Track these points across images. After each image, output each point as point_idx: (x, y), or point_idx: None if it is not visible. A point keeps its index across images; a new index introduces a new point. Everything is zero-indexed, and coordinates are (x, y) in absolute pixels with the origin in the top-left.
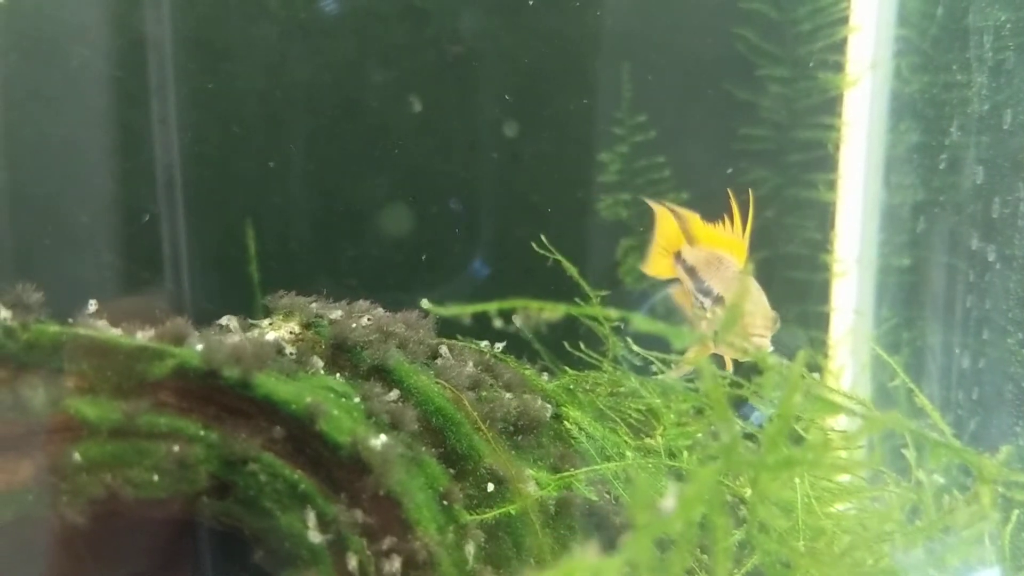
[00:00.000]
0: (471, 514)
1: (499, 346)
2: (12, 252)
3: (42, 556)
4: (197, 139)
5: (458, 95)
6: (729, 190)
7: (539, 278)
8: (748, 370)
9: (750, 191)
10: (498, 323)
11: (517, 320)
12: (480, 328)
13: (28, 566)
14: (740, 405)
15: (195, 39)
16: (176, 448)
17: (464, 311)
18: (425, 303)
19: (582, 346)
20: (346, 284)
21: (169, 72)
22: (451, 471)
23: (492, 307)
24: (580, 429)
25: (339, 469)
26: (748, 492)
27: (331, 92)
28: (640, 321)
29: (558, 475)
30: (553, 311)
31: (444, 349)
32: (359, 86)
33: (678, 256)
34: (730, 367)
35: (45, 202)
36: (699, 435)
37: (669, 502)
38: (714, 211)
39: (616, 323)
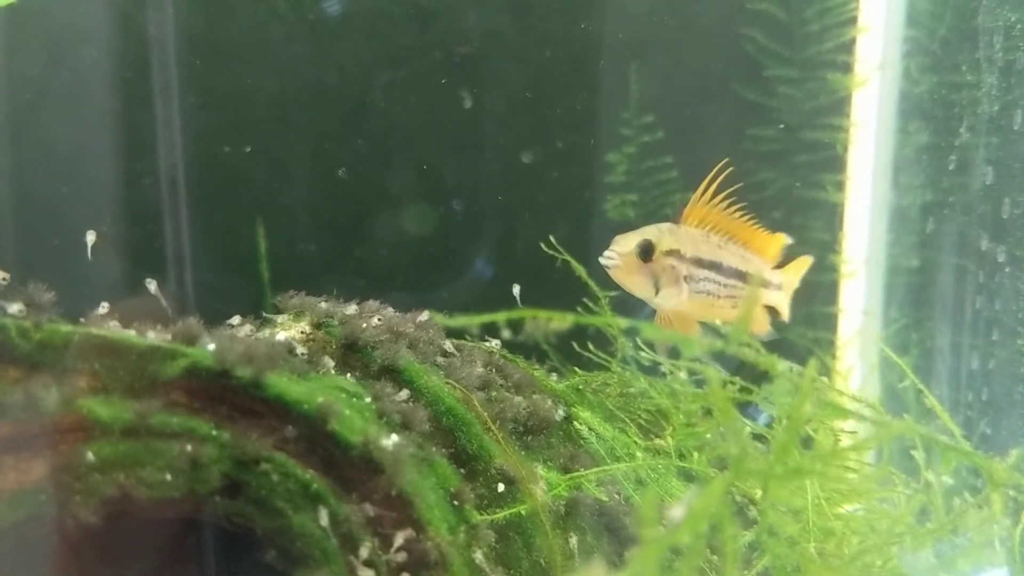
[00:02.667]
0: (482, 514)
1: (497, 343)
2: (21, 252)
3: (54, 555)
4: (203, 139)
5: (466, 95)
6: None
7: (547, 278)
8: (758, 376)
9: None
10: (506, 333)
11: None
12: (489, 325)
13: (40, 565)
14: (746, 404)
15: (201, 39)
16: (188, 448)
17: (471, 322)
18: (426, 315)
19: (591, 346)
20: (353, 284)
21: (174, 72)
22: (462, 471)
23: (500, 317)
24: (590, 430)
25: (351, 469)
26: (758, 493)
27: (338, 92)
28: (648, 329)
29: (568, 475)
30: (562, 320)
31: (450, 346)
32: (367, 86)
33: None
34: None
35: (52, 202)
36: (708, 436)
37: (677, 512)
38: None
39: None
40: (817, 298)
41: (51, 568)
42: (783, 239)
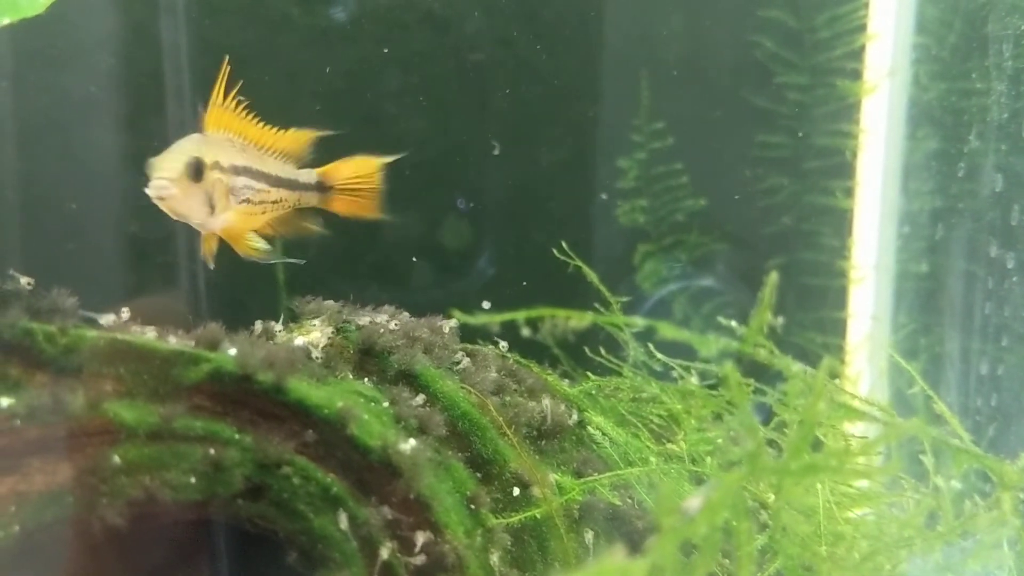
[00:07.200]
0: (497, 518)
1: (505, 344)
2: (38, 256)
3: (80, 556)
4: None
5: (477, 102)
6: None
7: (559, 283)
8: (774, 377)
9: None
10: (526, 332)
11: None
12: (502, 331)
13: (67, 566)
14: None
15: (215, 46)
16: (212, 451)
17: (493, 320)
18: (453, 323)
19: (603, 351)
20: (366, 288)
21: (187, 78)
22: (477, 475)
23: (520, 315)
24: (603, 434)
25: (369, 473)
26: (770, 497)
27: (350, 98)
28: (666, 328)
29: (582, 480)
30: (580, 320)
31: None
32: (378, 93)
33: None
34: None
35: (68, 206)
36: (720, 440)
37: (693, 503)
38: None
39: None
40: (827, 303)
41: (77, 568)
42: (307, 136)
